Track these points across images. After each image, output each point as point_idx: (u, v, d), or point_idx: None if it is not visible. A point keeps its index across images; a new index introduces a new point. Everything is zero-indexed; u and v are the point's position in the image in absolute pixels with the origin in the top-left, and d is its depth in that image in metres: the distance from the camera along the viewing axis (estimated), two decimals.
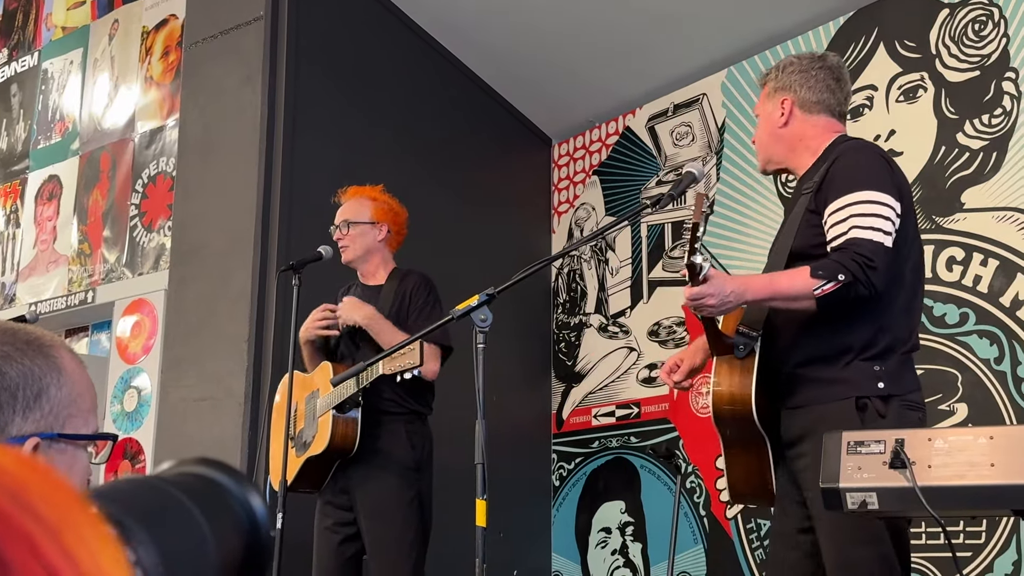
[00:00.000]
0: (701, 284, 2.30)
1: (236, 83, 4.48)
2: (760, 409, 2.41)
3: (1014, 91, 3.95)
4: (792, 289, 2.35)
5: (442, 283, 3.63)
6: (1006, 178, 3.88)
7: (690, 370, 2.75)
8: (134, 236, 5.07)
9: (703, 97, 5.07)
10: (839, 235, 2.35)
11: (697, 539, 4.66)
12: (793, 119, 2.61)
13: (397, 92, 4.90)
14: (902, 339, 2.41)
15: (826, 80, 2.62)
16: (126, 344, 4.84)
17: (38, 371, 1.14)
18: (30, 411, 1.13)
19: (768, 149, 2.68)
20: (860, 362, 2.37)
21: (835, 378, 2.39)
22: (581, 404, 5.36)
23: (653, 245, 5.16)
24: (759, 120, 2.72)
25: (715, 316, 2.46)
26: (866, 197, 2.36)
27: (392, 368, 2.99)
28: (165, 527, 0.60)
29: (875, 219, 2.34)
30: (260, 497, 0.69)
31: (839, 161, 2.46)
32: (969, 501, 1.90)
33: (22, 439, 1.13)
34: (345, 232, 3.55)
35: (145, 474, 0.64)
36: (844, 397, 2.36)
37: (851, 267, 2.27)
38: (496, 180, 5.48)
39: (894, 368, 2.38)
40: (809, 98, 2.60)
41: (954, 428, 2.01)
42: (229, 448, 4.02)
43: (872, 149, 2.60)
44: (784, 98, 2.62)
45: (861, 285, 2.27)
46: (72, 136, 5.64)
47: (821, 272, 2.29)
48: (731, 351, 2.47)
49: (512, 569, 5.05)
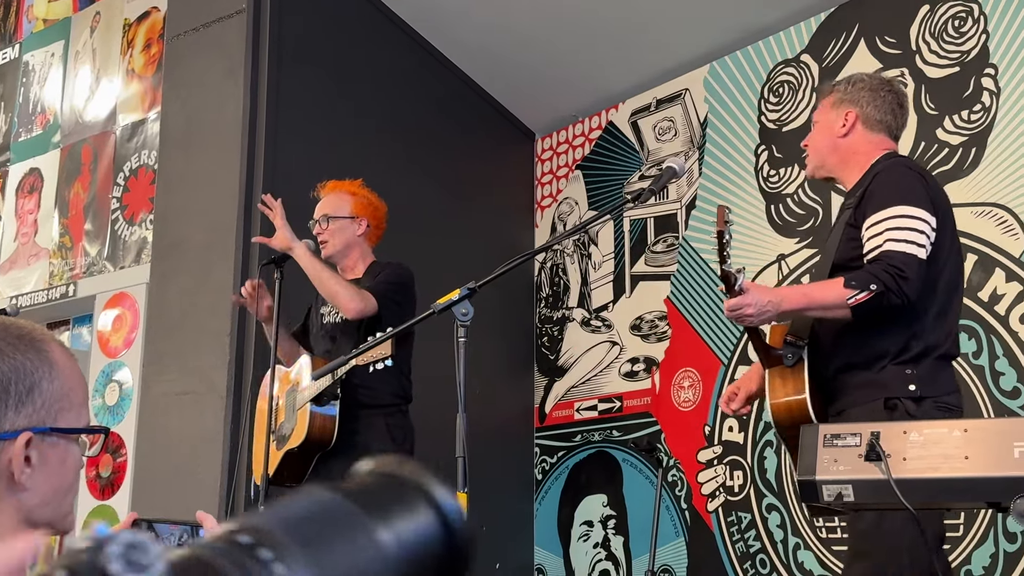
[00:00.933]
0: (738, 295, 2.45)
1: (218, 76, 4.47)
2: (817, 413, 2.53)
3: (993, 87, 3.98)
4: (826, 299, 2.49)
5: (424, 277, 3.63)
6: (985, 174, 3.91)
7: (747, 397, 2.87)
8: (116, 229, 5.05)
9: (685, 92, 5.09)
10: (874, 248, 2.49)
11: (679, 532, 4.69)
12: (854, 132, 2.73)
13: (380, 86, 4.90)
14: (936, 344, 2.52)
15: (891, 104, 2.75)
16: (107, 338, 4.82)
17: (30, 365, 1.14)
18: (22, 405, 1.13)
19: (822, 156, 2.79)
20: (893, 366, 2.50)
21: (869, 382, 2.52)
22: (564, 398, 5.37)
23: (636, 240, 5.17)
24: (817, 127, 2.83)
25: (755, 326, 2.58)
26: (901, 212, 2.49)
27: (363, 359, 2.99)
28: (330, 547, 0.54)
29: (909, 232, 2.46)
30: (453, 500, 0.63)
31: (878, 177, 2.59)
32: (943, 493, 1.92)
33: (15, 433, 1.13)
34: (325, 227, 3.55)
35: (326, 486, 0.58)
36: (875, 399, 2.48)
37: (883, 277, 2.41)
38: (479, 174, 5.48)
39: (927, 371, 2.49)
40: (873, 115, 2.72)
41: (929, 421, 2.03)
42: (211, 442, 4.02)
43: (910, 166, 2.73)
44: (849, 110, 2.74)
45: (893, 294, 2.40)
46: (53, 129, 5.61)
47: (854, 282, 2.43)
48: (780, 362, 2.60)
49: (494, 563, 5.06)
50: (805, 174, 2.93)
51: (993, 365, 3.78)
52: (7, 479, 1.14)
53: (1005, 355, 3.75)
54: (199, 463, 4.03)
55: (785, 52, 4.70)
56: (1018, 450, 1.82)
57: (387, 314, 3.35)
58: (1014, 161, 3.86)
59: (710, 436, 4.64)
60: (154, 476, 4.24)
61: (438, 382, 3.72)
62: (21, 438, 1.13)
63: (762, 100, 4.75)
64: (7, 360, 1.13)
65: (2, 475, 1.14)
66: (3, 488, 1.15)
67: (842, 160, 2.75)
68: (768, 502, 4.38)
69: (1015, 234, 3.80)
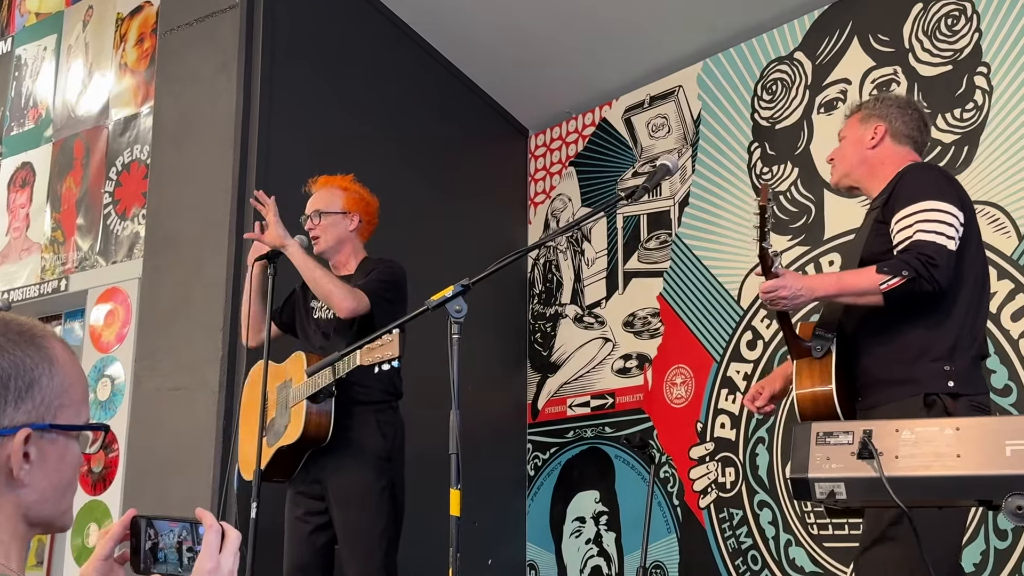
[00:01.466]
0: (773, 278, 2.53)
1: (211, 71, 4.45)
2: (843, 405, 2.57)
3: (986, 85, 3.99)
4: (859, 285, 2.56)
5: (417, 273, 3.63)
6: (977, 172, 3.92)
7: (771, 396, 2.93)
8: (108, 224, 5.04)
9: (679, 89, 5.09)
10: (905, 239, 2.55)
11: (670, 528, 4.70)
12: (882, 144, 2.82)
13: (373, 81, 4.89)
14: (968, 342, 2.58)
15: (918, 121, 2.86)
16: (99, 333, 4.81)
17: (30, 362, 1.14)
18: (22, 401, 1.13)
19: (850, 165, 2.87)
20: (930, 363, 2.54)
21: (905, 378, 2.55)
22: (556, 394, 5.38)
23: (629, 236, 5.18)
24: (845, 141, 2.91)
25: (788, 309, 2.63)
26: (930, 206, 2.56)
27: (370, 359, 2.99)
28: None
29: (938, 224, 2.53)
30: None
31: (905, 177, 2.67)
32: (935, 491, 1.92)
33: (14, 429, 1.13)
34: (317, 222, 3.54)
35: None
36: (913, 395, 2.52)
37: (914, 264, 2.47)
38: (472, 170, 5.48)
39: (964, 369, 2.54)
40: (901, 130, 2.82)
41: (921, 419, 2.04)
42: (203, 438, 4.01)
43: (935, 167, 2.86)
44: (879, 124, 2.83)
45: (924, 280, 2.47)
46: (46, 123, 5.59)
47: (886, 268, 2.50)
48: (808, 353, 2.65)
49: (487, 559, 5.06)
50: (831, 183, 3.00)
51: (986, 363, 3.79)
52: (6, 475, 1.14)
53: (996, 352, 3.76)
54: (191, 458, 4.03)
55: (779, 50, 4.71)
56: (1010, 448, 1.82)
57: (379, 312, 3.35)
58: (1007, 159, 3.87)
59: (702, 433, 4.65)
60: (146, 471, 4.23)
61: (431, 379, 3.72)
62: (20, 434, 1.12)
63: (755, 97, 4.76)
64: (7, 356, 1.13)
65: (1, 471, 1.14)
66: (2, 484, 1.14)
67: (870, 170, 2.82)
68: (760, 499, 4.39)
69: (1007, 232, 3.81)
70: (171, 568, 1.30)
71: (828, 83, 4.50)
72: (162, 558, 1.31)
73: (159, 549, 1.31)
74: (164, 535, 1.31)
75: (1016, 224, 3.80)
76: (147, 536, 1.31)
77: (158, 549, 1.31)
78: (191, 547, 1.29)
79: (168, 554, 1.31)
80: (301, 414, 3.26)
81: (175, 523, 1.32)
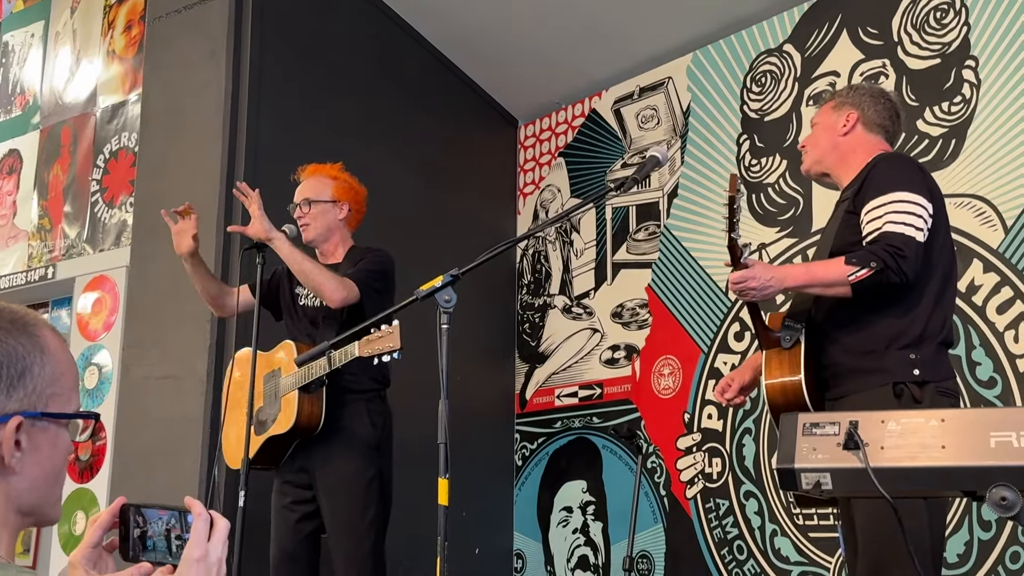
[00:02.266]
0: (743, 269, 2.55)
1: (200, 59, 4.44)
2: (811, 395, 2.59)
3: (973, 79, 4.00)
4: (828, 276, 2.57)
5: (406, 263, 3.63)
6: (965, 166, 3.94)
7: (740, 388, 2.95)
8: (95, 212, 5.02)
9: (668, 81, 5.10)
10: (874, 230, 2.57)
11: (657, 518, 4.72)
12: (854, 132, 2.83)
13: (363, 69, 4.88)
14: (935, 330, 2.59)
15: (890, 111, 2.87)
16: (87, 321, 4.80)
17: (22, 350, 1.14)
18: (14, 389, 1.13)
19: (822, 151, 2.88)
20: (896, 351, 2.56)
21: (872, 368, 2.57)
22: (544, 384, 5.39)
23: (617, 228, 5.18)
24: (817, 127, 2.92)
25: (757, 300, 2.65)
26: (900, 197, 2.57)
27: (369, 351, 2.98)
28: None
29: (907, 216, 2.55)
30: None
31: (876, 168, 2.68)
32: (920, 482, 1.93)
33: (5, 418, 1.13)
34: (307, 211, 3.53)
35: None
36: (881, 384, 2.54)
37: (882, 255, 2.49)
38: (462, 160, 5.48)
39: (929, 356, 2.56)
40: (873, 118, 2.83)
41: (907, 411, 2.05)
42: (191, 426, 4.01)
43: (906, 157, 2.87)
44: (851, 112, 2.84)
45: (892, 272, 2.48)
46: (33, 110, 5.57)
47: (855, 260, 2.52)
48: (778, 344, 2.67)
49: (474, 548, 5.08)
50: (802, 170, 2.99)
51: (970, 355, 3.81)
52: None
53: (982, 345, 3.78)
54: (179, 447, 4.02)
55: (768, 42, 4.71)
56: (994, 440, 1.84)
57: (368, 301, 3.34)
58: (993, 153, 3.89)
59: (689, 423, 4.67)
60: (134, 460, 4.22)
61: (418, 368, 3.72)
62: (12, 422, 1.13)
63: (745, 89, 4.77)
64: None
65: None
66: None
67: (840, 158, 2.83)
68: (746, 489, 4.42)
69: (993, 225, 3.83)
70: (160, 556, 1.30)
71: (817, 75, 4.51)
72: (151, 546, 1.31)
73: (148, 537, 1.31)
74: (153, 523, 1.31)
75: (1003, 217, 3.82)
76: (136, 524, 1.31)
77: (147, 537, 1.31)
78: (180, 535, 1.29)
79: (157, 542, 1.31)
80: (293, 404, 3.25)
81: (164, 511, 1.32)
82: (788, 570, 4.20)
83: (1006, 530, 3.62)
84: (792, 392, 2.59)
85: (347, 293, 3.29)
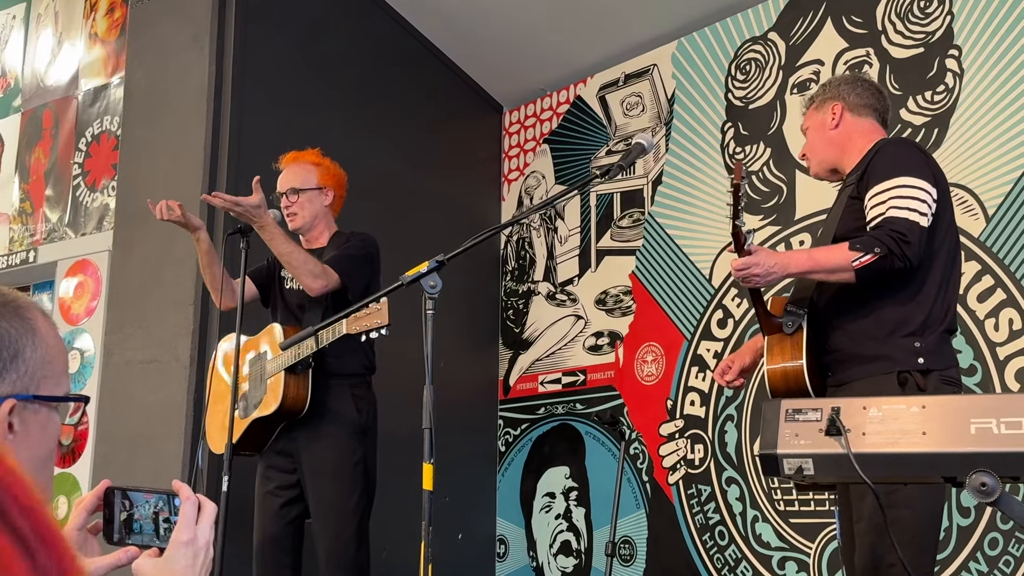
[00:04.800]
0: (746, 255, 2.53)
1: (183, 42, 4.41)
2: (813, 382, 2.58)
3: (957, 68, 4.02)
4: (831, 262, 2.55)
5: (391, 248, 3.62)
6: (947, 154, 3.96)
7: (740, 370, 2.94)
8: (77, 196, 4.99)
9: (654, 68, 5.10)
10: (878, 215, 2.56)
11: (639, 504, 4.74)
12: (843, 121, 2.83)
13: (347, 54, 4.86)
14: (939, 318, 2.59)
15: (870, 89, 2.88)
16: (69, 305, 4.78)
17: (14, 333, 1.14)
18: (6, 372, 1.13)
19: (821, 153, 2.88)
20: (900, 339, 2.56)
21: (877, 355, 2.57)
22: (528, 371, 5.40)
23: (602, 214, 5.19)
24: (810, 132, 2.92)
25: (760, 287, 2.63)
26: (904, 182, 2.56)
27: (357, 328, 2.97)
28: None
29: (912, 201, 2.54)
30: None
31: (880, 153, 2.67)
32: (901, 468, 1.95)
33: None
34: (294, 199, 3.51)
35: None
36: (886, 372, 2.54)
37: (886, 241, 2.48)
38: (446, 146, 5.47)
39: (933, 344, 2.56)
40: (857, 102, 2.84)
41: (888, 398, 2.07)
42: (174, 411, 4.00)
43: (910, 143, 2.86)
44: (834, 104, 2.85)
45: (896, 258, 2.48)
46: (14, 93, 5.52)
47: (859, 245, 2.51)
48: (780, 329, 2.66)
49: (457, 533, 5.09)
50: (813, 176, 3.00)
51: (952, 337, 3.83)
52: None
53: (962, 333, 3.81)
54: (161, 431, 4.02)
55: (753, 29, 4.72)
56: (974, 426, 1.85)
57: (352, 285, 3.34)
58: (976, 142, 3.91)
59: (672, 410, 4.69)
60: (116, 444, 4.21)
61: (403, 354, 3.72)
62: (5, 405, 1.12)
63: (729, 77, 4.78)
64: None
65: None
66: None
67: (839, 149, 2.83)
68: (728, 475, 4.44)
69: (975, 215, 3.86)
70: (147, 539, 1.30)
71: (801, 64, 4.52)
72: (137, 529, 1.31)
73: (134, 520, 1.31)
74: (140, 506, 1.31)
75: (984, 206, 3.84)
76: (121, 507, 1.31)
77: (133, 520, 1.31)
78: (168, 518, 1.29)
79: (144, 525, 1.31)
80: (279, 385, 3.25)
81: (151, 494, 1.32)
82: (769, 555, 4.23)
83: (985, 516, 3.65)
84: (794, 378, 2.59)
85: (326, 281, 3.28)
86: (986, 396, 3.11)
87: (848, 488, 2.63)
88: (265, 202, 3.27)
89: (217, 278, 3.45)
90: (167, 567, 1.22)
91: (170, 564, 1.22)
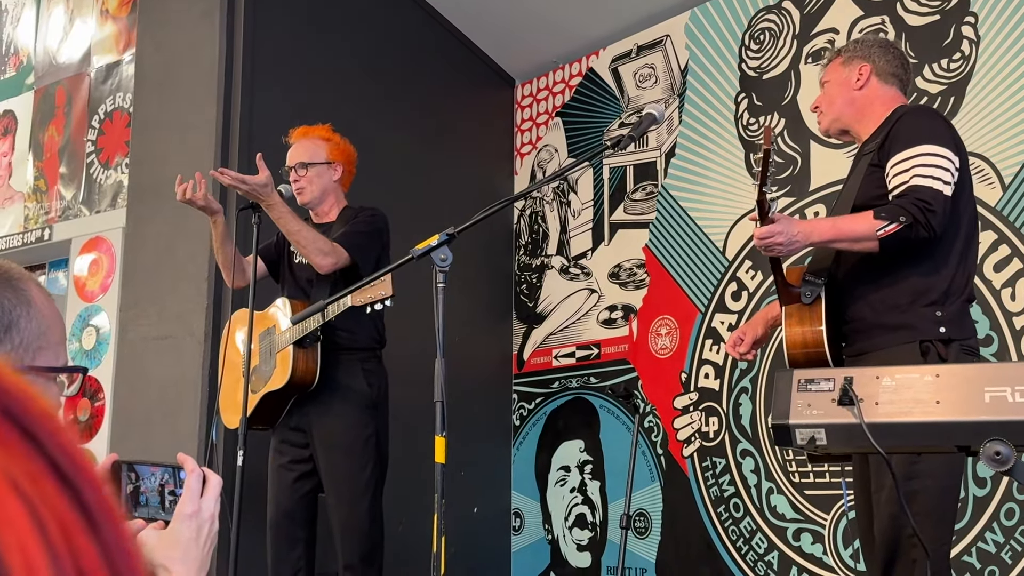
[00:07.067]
0: (769, 223, 2.49)
1: (194, 18, 4.40)
2: (831, 351, 2.57)
3: (973, 35, 3.97)
4: (855, 231, 2.52)
5: (402, 222, 3.62)
6: (963, 123, 3.92)
7: (753, 341, 2.91)
8: (91, 173, 5.00)
9: (666, 39, 5.06)
10: (901, 184, 2.53)
11: (654, 477, 4.74)
12: (869, 84, 2.79)
13: (358, 29, 4.84)
14: (960, 287, 2.58)
15: (900, 59, 2.84)
16: (84, 282, 4.80)
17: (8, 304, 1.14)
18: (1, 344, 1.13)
19: (839, 110, 2.83)
20: (922, 308, 2.54)
21: (898, 324, 2.55)
22: (542, 345, 5.39)
23: (615, 187, 5.17)
24: (829, 85, 2.87)
25: (782, 256, 2.61)
26: (927, 150, 2.53)
27: (361, 300, 2.97)
28: None
29: (935, 169, 2.51)
30: None
31: (902, 120, 2.64)
32: (915, 437, 1.94)
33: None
34: (303, 174, 3.51)
35: None
36: (908, 341, 2.52)
37: (911, 210, 2.45)
38: (458, 120, 5.45)
39: (954, 314, 2.54)
40: (886, 68, 2.80)
41: (902, 366, 2.05)
42: (189, 386, 4.02)
43: (931, 110, 2.85)
44: (863, 65, 2.81)
45: (921, 227, 2.45)
46: (27, 71, 5.53)
47: (884, 214, 2.48)
48: (798, 299, 2.63)
49: (472, 507, 5.11)
50: (820, 131, 2.96)
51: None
52: None
53: (979, 303, 3.78)
54: (177, 407, 4.04)
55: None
56: (988, 395, 1.84)
57: (362, 261, 3.34)
58: (992, 110, 3.87)
59: (686, 383, 4.68)
60: (132, 420, 4.24)
61: (416, 327, 3.72)
62: None
63: (743, 47, 4.73)
64: None
65: None
66: None
67: (859, 112, 2.80)
68: (742, 447, 4.44)
69: (992, 183, 3.82)
70: (153, 511, 1.31)
71: (816, 33, 4.47)
72: (144, 501, 1.32)
73: (140, 493, 1.32)
74: (146, 479, 1.32)
75: (1001, 175, 3.81)
76: (128, 480, 1.32)
77: (139, 493, 1.32)
78: (173, 491, 1.30)
79: (150, 497, 1.32)
80: (288, 359, 3.26)
81: (157, 467, 1.32)
82: (784, 527, 4.23)
83: (1001, 487, 3.63)
84: (813, 346, 2.57)
85: (336, 259, 3.28)
86: (1000, 364, 3.09)
87: (866, 458, 2.62)
88: (272, 180, 3.27)
89: (229, 258, 3.45)
90: (172, 539, 1.23)
91: (174, 536, 1.23)
